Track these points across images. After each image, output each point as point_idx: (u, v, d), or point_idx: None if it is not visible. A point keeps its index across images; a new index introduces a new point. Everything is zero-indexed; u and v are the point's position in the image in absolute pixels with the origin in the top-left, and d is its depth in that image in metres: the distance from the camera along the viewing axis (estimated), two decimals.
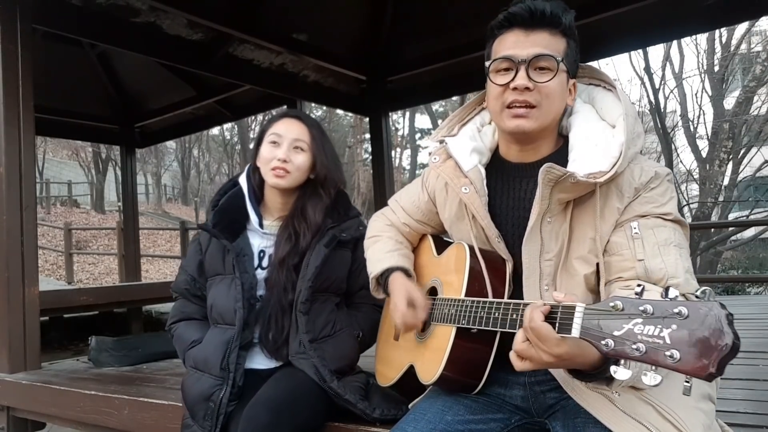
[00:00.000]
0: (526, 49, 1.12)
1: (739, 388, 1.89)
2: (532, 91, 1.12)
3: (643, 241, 1.07)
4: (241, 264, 1.62)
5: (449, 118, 1.36)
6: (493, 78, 1.17)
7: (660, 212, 1.10)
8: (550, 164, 1.08)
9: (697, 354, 0.73)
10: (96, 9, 3.70)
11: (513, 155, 1.25)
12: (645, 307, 0.79)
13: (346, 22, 4.80)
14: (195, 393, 1.60)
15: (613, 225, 1.11)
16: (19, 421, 2.73)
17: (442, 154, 1.30)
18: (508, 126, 1.16)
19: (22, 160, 2.87)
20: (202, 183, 24.81)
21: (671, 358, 0.75)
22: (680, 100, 13.02)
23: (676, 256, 1.05)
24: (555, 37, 1.14)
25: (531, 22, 1.13)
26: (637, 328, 0.79)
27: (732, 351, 0.71)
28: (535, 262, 1.16)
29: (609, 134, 1.13)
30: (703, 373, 0.72)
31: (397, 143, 20.53)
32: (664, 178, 1.13)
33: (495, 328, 1.09)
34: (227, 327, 1.62)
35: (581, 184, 1.09)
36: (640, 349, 0.78)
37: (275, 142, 1.64)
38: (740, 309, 4.00)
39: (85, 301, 4.55)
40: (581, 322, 0.87)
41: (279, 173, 1.61)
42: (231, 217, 1.69)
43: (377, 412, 1.53)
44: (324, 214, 1.66)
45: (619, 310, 0.82)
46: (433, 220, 1.47)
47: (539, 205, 1.12)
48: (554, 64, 1.12)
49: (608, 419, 1.02)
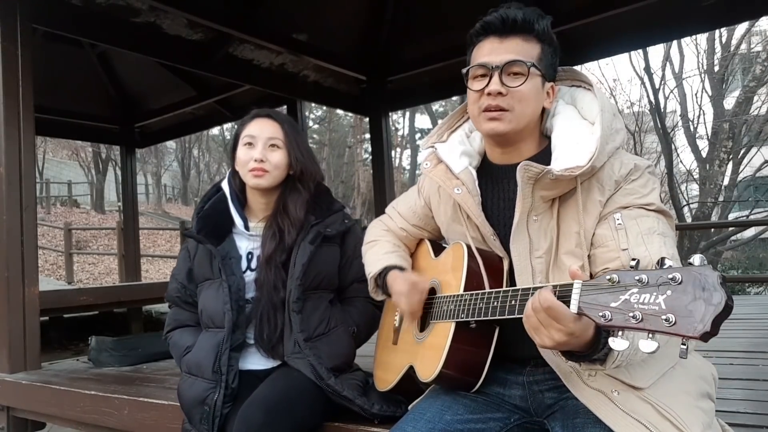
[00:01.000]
0: (499, 56, 1.18)
1: (739, 388, 1.89)
2: (505, 96, 1.17)
3: (626, 231, 1.09)
4: (228, 267, 1.63)
5: (438, 126, 1.41)
6: (470, 84, 1.23)
7: (642, 203, 1.12)
8: (527, 162, 1.13)
9: (692, 315, 0.74)
10: (96, 9, 3.70)
11: (497, 158, 1.29)
12: (640, 277, 0.81)
13: (346, 22, 4.80)
14: (190, 397, 1.61)
15: (597, 218, 1.14)
16: (19, 421, 2.73)
17: (433, 159, 1.35)
18: (484, 128, 1.22)
19: (22, 160, 2.88)
20: (202, 183, 24.80)
21: (667, 322, 0.76)
22: (680, 100, 13.01)
23: (660, 244, 1.06)
24: (529, 43, 1.19)
25: (504, 29, 1.18)
26: (633, 297, 0.81)
27: (725, 310, 0.73)
28: (525, 260, 1.18)
29: (588, 132, 1.16)
30: (698, 333, 0.73)
31: (397, 143, 20.54)
32: (644, 170, 1.15)
33: (494, 317, 1.11)
34: (217, 330, 1.63)
35: (561, 181, 1.12)
36: (636, 317, 0.79)
37: (250, 143, 1.65)
38: (740, 309, 4.00)
39: (85, 301, 4.56)
40: (579, 297, 0.89)
41: (257, 173, 1.63)
42: (215, 222, 1.71)
43: (376, 408, 1.53)
44: (306, 209, 1.67)
45: (615, 283, 0.84)
46: (430, 224, 1.50)
47: (521, 203, 1.15)
48: (525, 69, 1.16)
49: (607, 417, 1.03)
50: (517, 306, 1.05)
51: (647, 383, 1.05)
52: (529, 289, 1.04)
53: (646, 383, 1.05)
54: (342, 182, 20.83)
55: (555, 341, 0.93)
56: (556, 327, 0.92)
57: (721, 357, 2.33)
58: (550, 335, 0.93)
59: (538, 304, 0.93)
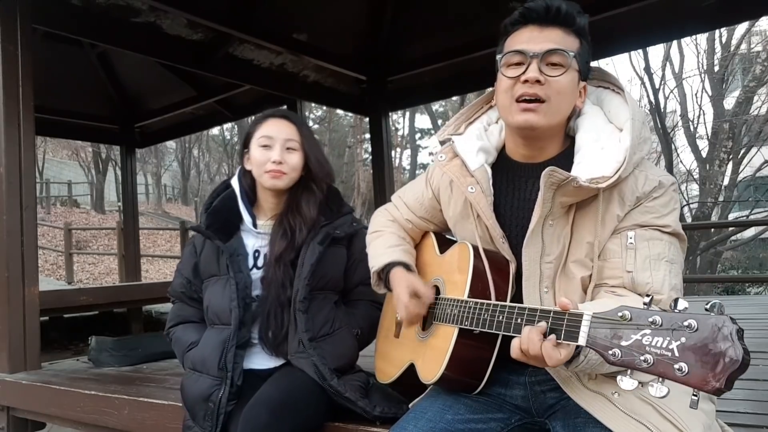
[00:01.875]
0: (539, 44, 1.12)
1: (739, 388, 1.88)
2: (542, 85, 1.11)
3: (636, 252, 1.07)
4: (235, 264, 1.63)
5: (456, 116, 1.35)
6: (504, 71, 1.16)
7: (659, 224, 1.10)
8: (552, 168, 1.08)
9: (706, 368, 0.72)
10: (96, 9, 3.70)
11: (519, 154, 1.24)
12: (654, 318, 0.78)
13: (346, 22, 4.80)
14: (194, 394, 1.60)
15: (612, 231, 1.12)
16: (19, 421, 2.73)
17: (449, 153, 1.29)
18: (516, 120, 1.14)
19: (22, 160, 2.87)
20: (202, 183, 24.80)
21: (679, 371, 0.74)
22: (680, 100, 13.02)
23: (665, 272, 1.05)
24: (569, 36, 1.14)
25: (546, 18, 1.13)
26: (645, 339, 0.78)
27: (741, 366, 0.71)
28: (535, 264, 1.16)
29: (615, 138, 1.13)
30: (711, 387, 0.72)
31: (397, 143, 20.54)
32: (669, 188, 1.12)
33: (498, 332, 1.09)
34: (224, 327, 1.62)
35: (584, 189, 1.08)
36: (647, 361, 0.77)
37: (267, 144, 1.64)
38: (740, 309, 3.99)
39: (85, 301, 4.55)
40: (588, 331, 0.87)
41: (276, 175, 1.63)
42: (224, 218, 1.70)
43: (377, 410, 1.53)
44: (318, 209, 1.67)
45: (627, 320, 0.81)
46: (436, 217, 1.46)
47: (541, 208, 1.12)
48: (566, 60, 1.12)
49: (608, 419, 1.02)
50: (522, 325, 1.02)
51: None
52: (536, 311, 0.99)
53: None
54: (342, 182, 20.80)
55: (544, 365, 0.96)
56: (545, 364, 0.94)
57: None
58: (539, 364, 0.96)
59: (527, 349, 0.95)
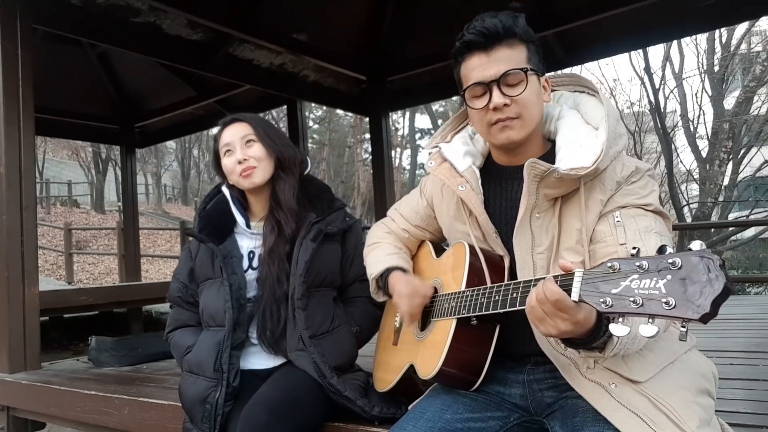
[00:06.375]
0: (491, 69, 1.17)
1: (739, 388, 1.89)
2: (510, 106, 1.17)
3: (624, 228, 1.11)
4: (229, 266, 1.65)
5: (443, 127, 1.43)
6: (471, 104, 1.23)
7: (641, 203, 1.14)
8: (533, 160, 1.14)
9: (691, 298, 0.75)
10: (96, 9, 3.71)
11: (503, 160, 1.31)
12: (640, 263, 0.82)
13: (346, 22, 4.80)
14: (191, 396, 1.61)
15: (598, 216, 1.16)
16: (19, 421, 2.73)
17: (438, 158, 1.37)
18: (498, 140, 1.22)
19: (22, 160, 2.88)
20: (202, 183, 24.78)
21: (667, 305, 0.77)
22: (680, 100, 13.02)
23: (656, 241, 1.07)
24: (515, 49, 1.18)
25: (487, 43, 1.18)
26: (634, 283, 0.82)
27: (724, 292, 0.74)
28: (527, 255, 1.20)
29: (592, 135, 1.18)
30: (698, 314, 0.74)
31: (397, 143, 20.54)
32: (645, 173, 1.17)
33: (496, 310, 1.12)
34: (218, 329, 1.63)
35: (565, 180, 1.14)
36: (636, 302, 0.81)
37: (229, 150, 1.68)
38: (740, 309, 4.00)
39: (85, 301, 4.55)
40: (580, 286, 0.90)
41: (247, 173, 1.65)
42: (217, 221, 1.73)
43: (376, 410, 1.54)
44: (297, 194, 1.69)
45: (615, 270, 0.85)
46: (432, 225, 1.51)
47: (527, 199, 1.17)
48: (522, 76, 1.17)
49: (604, 409, 1.04)
50: (518, 298, 1.06)
51: (645, 377, 1.07)
52: (531, 281, 1.04)
53: (644, 377, 1.07)
54: (342, 182, 20.82)
55: (560, 330, 0.95)
56: (562, 317, 0.93)
57: (721, 357, 2.33)
58: (556, 325, 0.94)
59: (544, 296, 0.94)
